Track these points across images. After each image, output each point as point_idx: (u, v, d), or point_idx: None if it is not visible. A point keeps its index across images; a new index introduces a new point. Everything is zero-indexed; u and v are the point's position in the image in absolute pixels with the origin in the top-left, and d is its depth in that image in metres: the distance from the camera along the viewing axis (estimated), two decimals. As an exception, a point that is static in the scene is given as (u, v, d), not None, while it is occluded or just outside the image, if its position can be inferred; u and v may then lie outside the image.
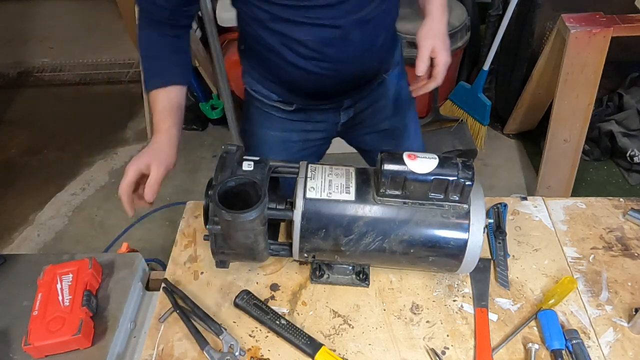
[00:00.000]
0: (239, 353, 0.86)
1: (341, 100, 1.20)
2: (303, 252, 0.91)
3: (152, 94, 1.04)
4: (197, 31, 2.81)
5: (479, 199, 0.88)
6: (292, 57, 1.05)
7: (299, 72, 1.07)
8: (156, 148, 1.00)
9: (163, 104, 1.03)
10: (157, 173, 0.97)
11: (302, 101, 1.19)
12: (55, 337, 0.83)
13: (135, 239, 2.31)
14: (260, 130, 1.26)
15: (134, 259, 1.01)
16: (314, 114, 1.23)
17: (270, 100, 1.20)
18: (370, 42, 1.07)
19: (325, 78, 1.09)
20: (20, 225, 2.41)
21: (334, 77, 1.09)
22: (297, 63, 1.06)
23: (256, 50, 1.11)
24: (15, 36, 3.81)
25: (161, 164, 0.98)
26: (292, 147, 1.26)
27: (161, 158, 0.99)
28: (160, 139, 1.01)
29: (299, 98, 1.18)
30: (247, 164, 0.90)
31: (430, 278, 0.99)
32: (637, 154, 2.36)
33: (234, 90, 2.82)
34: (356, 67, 1.10)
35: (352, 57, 1.07)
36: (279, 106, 1.20)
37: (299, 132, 1.25)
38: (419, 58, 1.01)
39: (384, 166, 0.84)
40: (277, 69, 1.11)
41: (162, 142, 1.01)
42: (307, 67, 1.06)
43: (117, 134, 2.92)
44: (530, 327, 0.91)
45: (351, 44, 1.03)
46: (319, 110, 1.22)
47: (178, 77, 1.06)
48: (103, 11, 3.88)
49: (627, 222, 1.08)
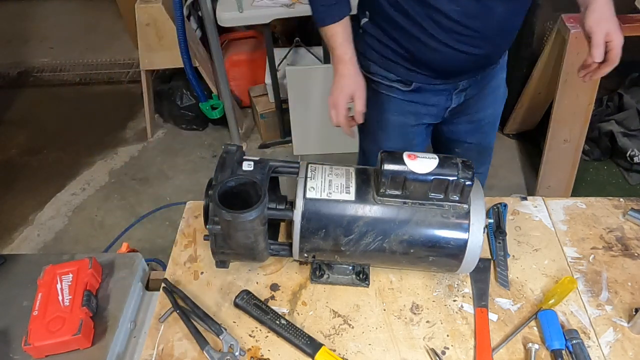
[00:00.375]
0: (239, 353, 0.86)
1: (459, 81, 1.22)
2: (303, 252, 0.91)
3: (330, 27, 1.12)
4: (197, 31, 2.81)
5: (479, 199, 0.88)
6: (433, 29, 1.07)
7: (434, 45, 1.09)
8: (351, 79, 1.14)
9: (344, 36, 1.12)
10: (362, 99, 1.16)
11: (423, 79, 1.20)
12: (55, 337, 0.83)
13: (135, 239, 2.31)
14: (377, 113, 1.29)
15: (134, 259, 1.01)
16: (429, 96, 1.24)
17: (388, 80, 1.22)
18: (511, 21, 1.10)
19: (459, 53, 1.10)
20: (20, 225, 2.41)
21: (466, 52, 1.11)
22: (437, 35, 1.08)
23: (382, 26, 1.15)
24: (15, 36, 3.81)
25: (360, 91, 1.15)
26: (408, 132, 1.30)
27: (359, 87, 1.15)
28: (350, 69, 1.14)
29: (421, 76, 1.19)
30: (247, 164, 0.90)
31: (430, 278, 0.99)
32: (637, 154, 2.36)
33: (234, 90, 2.82)
34: (490, 45, 1.12)
35: (491, 34, 1.09)
36: (397, 86, 1.23)
37: (415, 115, 1.28)
38: (595, 44, 1.00)
39: (384, 166, 0.84)
40: (408, 43, 1.13)
41: (353, 71, 1.14)
42: (445, 40, 1.08)
43: (117, 134, 2.92)
44: (530, 327, 0.91)
45: (493, 19, 1.06)
46: (434, 91, 1.23)
47: (349, 8, 1.13)
48: (103, 11, 3.88)
49: (627, 222, 1.08)
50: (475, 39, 1.08)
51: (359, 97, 1.15)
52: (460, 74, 1.21)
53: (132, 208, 2.47)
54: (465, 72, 1.21)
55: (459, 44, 1.09)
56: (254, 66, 2.80)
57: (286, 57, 2.56)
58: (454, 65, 1.16)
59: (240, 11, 2.20)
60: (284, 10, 2.19)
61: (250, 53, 2.83)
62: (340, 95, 1.14)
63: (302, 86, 2.43)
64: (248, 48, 2.87)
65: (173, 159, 2.74)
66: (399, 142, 1.32)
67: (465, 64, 1.15)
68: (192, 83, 2.49)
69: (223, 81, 2.41)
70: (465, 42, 1.09)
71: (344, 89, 1.14)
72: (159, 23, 2.43)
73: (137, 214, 2.43)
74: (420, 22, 1.07)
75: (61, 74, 3.43)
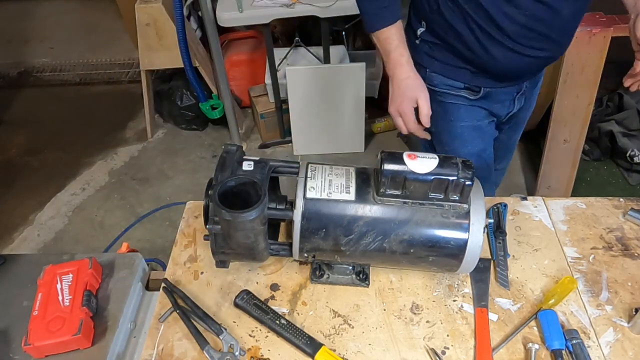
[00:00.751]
0: (239, 353, 0.86)
1: (522, 82, 1.21)
2: (303, 252, 0.91)
3: (383, 32, 1.08)
4: (197, 31, 2.81)
5: (479, 199, 0.88)
6: (497, 34, 1.05)
7: (498, 51, 1.07)
8: (412, 82, 1.10)
9: (399, 39, 1.09)
10: (426, 102, 1.09)
11: (490, 83, 1.17)
12: (55, 337, 0.83)
13: (135, 239, 2.31)
14: (448, 125, 1.25)
15: (134, 259, 1.01)
16: (494, 102, 1.22)
17: (454, 89, 1.19)
18: (575, 20, 1.08)
19: (524, 57, 1.09)
20: (20, 225, 2.41)
21: (532, 56, 1.09)
22: (502, 41, 1.06)
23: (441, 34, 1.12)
24: (15, 36, 3.81)
25: (423, 93, 1.09)
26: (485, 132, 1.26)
27: (421, 89, 1.10)
28: (409, 71, 1.10)
29: (488, 80, 1.17)
30: (247, 164, 0.90)
31: (430, 278, 0.99)
32: (637, 154, 2.36)
33: (234, 90, 2.82)
34: (556, 45, 1.10)
35: (556, 36, 1.07)
36: (465, 94, 1.20)
37: (487, 117, 1.26)
38: None
39: (384, 166, 0.84)
40: (470, 51, 1.11)
41: (412, 74, 1.10)
42: (511, 45, 1.06)
43: (117, 134, 2.92)
44: (530, 327, 0.91)
45: (560, 21, 1.04)
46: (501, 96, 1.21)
47: (400, 11, 1.09)
48: (103, 11, 3.88)
49: (627, 222, 1.08)
50: (540, 41, 1.06)
51: (423, 99, 1.10)
52: (525, 76, 1.20)
53: (132, 208, 2.47)
54: (529, 74, 1.20)
55: (524, 48, 1.07)
56: (254, 66, 2.80)
57: (286, 57, 2.56)
58: (520, 69, 1.14)
59: (240, 11, 2.20)
60: (284, 10, 2.20)
61: (250, 53, 2.84)
62: (404, 101, 1.09)
63: (302, 86, 2.43)
64: (248, 48, 2.87)
65: (173, 159, 2.74)
66: (478, 144, 1.27)
67: (531, 66, 1.14)
68: (192, 83, 2.49)
69: (223, 81, 2.41)
70: (531, 46, 1.07)
71: (406, 93, 1.09)
72: (159, 23, 2.43)
73: (137, 214, 2.44)
74: (484, 29, 1.05)
75: (61, 74, 3.43)
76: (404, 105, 1.10)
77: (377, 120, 2.80)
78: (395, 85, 1.11)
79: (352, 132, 2.61)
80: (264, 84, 2.66)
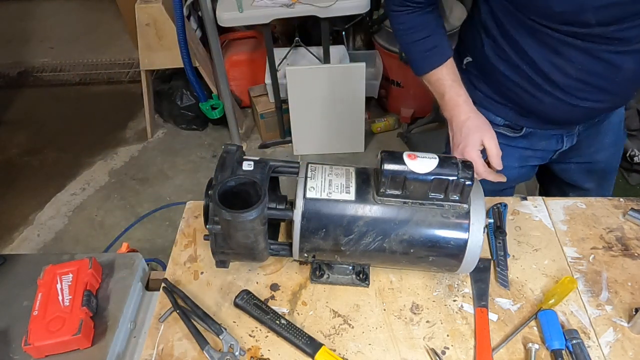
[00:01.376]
0: (239, 353, 0.86)
1: (574, 127, 1.11)
2: (303, 252, 0.91)
3: (433, 73, 1.02)
4: (197, 31, 2.81)
5: (479, 199, 0.88)
6: (547, 85, 0.97)
7: (548, 100, 0.99)
8: (473, 122, 1.00)
9: (452, 77, 1.01)
10: (494, 143, 0.99)
11: (534, 125, 1.08)
12: (55, 337, 0.83)
13: (135, 239, 2.31)
14: None
15: (134, 259, 1.01)
16: (537, 140, 1.12)
17: (494, 125, 1.07)
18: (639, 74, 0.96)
19: (576, 107, 0.99)
20: (20, 225, 2.41)
21: (586, 107, 0.99)
22: (552, 91, 0.98)
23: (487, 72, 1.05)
24: (15, 36, 3.82)
25: (489, 132, 0.99)
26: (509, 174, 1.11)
27: (486, 128, 1.00)
28: (469, 112, 1.01)
29: (532, 122, 1.08)
30: (247, 164, 0.90)
31: (430, 278, 0.99)
32: (637, 154, 2.36)
33: (234, 90, 2.82)
34: (616, 97, 1.01)
35: (618, 89, 0.97)
36: (504, 132, 1.11)
37: (520, 159, 1.16)
38: None
39: (383, 166, 0.84)
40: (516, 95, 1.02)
41: (473, 114, 1.01)
42: (561, 96, 0.98)
43: (117, 134, 2.92)
44: (530, 327, 0.91)
45: (621, 76, 0.94)
46: (545, 136, 1.12)
47: (450, 50, 1.03)
48: (103, 11, 3.88)
49: (627, 222, 1.08)
50: (597, 94, 0.97)
51: (489, 138, 0.98)
52: (578, 123, 1.10)
53: (132, 208, 2.48)
54: (582, 120, 1.10)
55: (578, 100, 0.98)
56: (254, 66, 2.81)
57: (286, 57, 2.56)
58: (571, 118, 1.05)
59: (240, 11, 2.20)
60: (284, 10, 2.20)
61: (250, 53, 2.84)
62: (468, 146, 0.98)
63: (302, 86, 2.43)
64: (248, 48, 2.87)
65: (173, 159, 2.74)
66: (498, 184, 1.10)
67: (584, 116, 1.05)
68: (192, 83, 2.49)
69: (223, 81, 2.41)
70: (585, 98, 0.97)
71: (469, 136, 0.98)
72: (159, 23, 2.44)
73: (137, 214, 2.44)
74: (531, 79, 0.97)
75: (61, 74, 3.43)
76: (469, 150, 0.99)
77: (377, 120, 2.80)
78: (456, 128, 1.01)
79: (352, 132, 2.61)
80: (264, 84, 2.66)
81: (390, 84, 2.75)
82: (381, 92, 2.82)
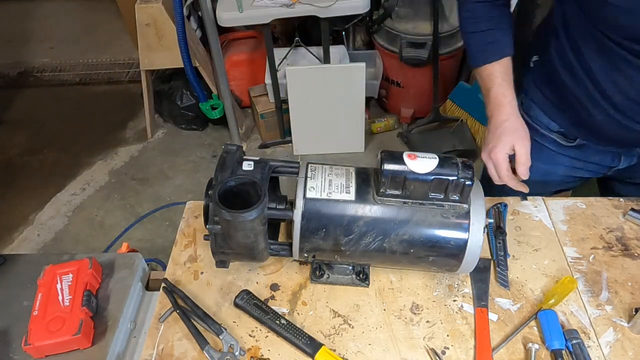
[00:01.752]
0: (239, 353, 0.86)
1: (633, 147, 1.06)
2: (303, 252, 0.91)
3: (486, 67, 0.99)
4: (197, 31, 2.81)
5: (479, 199, 0.88)
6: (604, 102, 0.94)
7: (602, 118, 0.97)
8: (511, 125, 0.97)
9: (502, 77, 0.98)
10: (525, 150, 0.95)
11: (588, 138, 1.05)
12: (55, 337, 0.83)
13: (135, 239, 2.31)
14: None
15: (134, 259, 1.01)
16: (590, 154, 1.08)
17: (547, 129, 1.07)
18: None
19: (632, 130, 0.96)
20: (20, 225, 2.41)
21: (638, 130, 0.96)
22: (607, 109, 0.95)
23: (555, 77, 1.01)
24: (15, 36, 3.81)
25: (523, 140, 0.96)
26: (550, 181, 1.13)
27: (521, 134, 0.96)
28: (510, 114, 0.97)
29: (586, 135, 1.05)
30: (247, 164, 0.90)
31: (430, 278, 0.99)
32: (637, 154, 2.35)
33: (234, 90, 2.82)
34: None
35: None
36: (556, 138, 1.08)
37: (566, 168, 1.13)
38: None
39: (384, 166, 0.84)
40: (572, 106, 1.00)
41: (513, 117, 0.97)
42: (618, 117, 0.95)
43: (117, 134, 2.92)
44: (530, 327, 0.91)
45: None
46: (599, 151, 1.08)
47: (510, 49, 1.00)
48: (103, 11, 3.88)
49: (627, 222, 1.08)
50: None
51: (522, 146, 0.95)
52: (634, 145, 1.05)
53: (132, 208, 2.48)
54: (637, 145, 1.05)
55: (632, 123, 0.94)
56: (254, 66, 2.81)
57: (286, 57, 2.56)
58: (625, 138, 1.01)
59: (240, 11, 2.20)
60: (284, 10, 2.19)
61: (250, 53, 2.84)
62: (498, 146, 0.95)
63: (302, 86, 2.43)
64: (248, 48, 2.87)
65: (173, 159, 2.74)
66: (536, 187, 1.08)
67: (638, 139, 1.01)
68: (192, 83, 2.49)
69: (223, 81, 2.41)
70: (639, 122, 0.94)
71: (502, 137, 0.96)
72: (159, 23, 2.43)
73: (137, 214, 2.44)
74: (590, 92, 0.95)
75: (61, 74, 3.43)
76: (497, 151, 0.96)
77: (377, 120, 2.80)
78: (492, 127, 0.98)
79: (352, 132, 2.61)
80: (264, 84, 2.66)
81: (390, 84, 2.75)
82: (381, 92, 2.82)
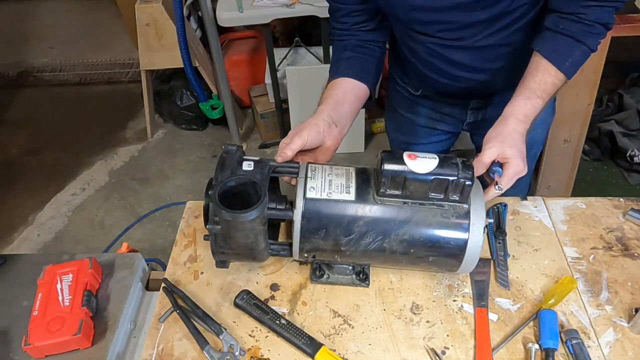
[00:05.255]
0: (239, 353, 0.86)
1: (467, 101, 1.24)
2: (303, 252, 0.91)
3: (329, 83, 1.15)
4: (197, 31, 2.82)
5: (479, 199, 0.88)
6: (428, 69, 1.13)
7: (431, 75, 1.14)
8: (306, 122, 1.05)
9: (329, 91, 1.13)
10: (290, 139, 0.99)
11: (431, 91, 1.25)
12: (55, 337, 0.83)
13: (135, 239, 2.31)
14: (391, 107, 1.39)
15: (134, 259, 1.01)
16: (440, 105, 1.28)
17: (401, 80, 1.30)
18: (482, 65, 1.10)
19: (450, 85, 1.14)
20: (20, 225, 2.41)
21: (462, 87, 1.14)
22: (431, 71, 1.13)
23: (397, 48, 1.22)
24: (15, 36, 3.82)
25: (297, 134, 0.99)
26: (418, 131, 1.35)
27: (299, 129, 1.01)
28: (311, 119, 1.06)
29: (427, 89, 1.25)
30: (247, 164, 0.90)
31: (430, 278, 0.99)
32: (637, 154, 2.36)
33: (234, 90, 2.82)
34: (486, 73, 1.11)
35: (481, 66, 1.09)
36: (408, 88, 1.29)
37: (426, 118, 1.32)
38: None
39: (384, 166, 0.84)
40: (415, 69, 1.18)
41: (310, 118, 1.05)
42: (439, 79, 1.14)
43: (117, 134, 2.92)
44: (530, 327, 0.91)
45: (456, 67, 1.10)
46: (445, 103, 1.26)
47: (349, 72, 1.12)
48: (103, 11, 3.89)
49: (627, 222, 1.08)
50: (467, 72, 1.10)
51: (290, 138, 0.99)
52: (466, 97, 1.22)
53: (132, 208, 2.48)
54: (470, 96, 1.21)
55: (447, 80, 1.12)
56: (254, 66, 2.81)
57: (286, 57, 2.57)
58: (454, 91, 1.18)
59: (240, 11, 2.20)
60: (284, 10, 2.20)
61: (250, 53, 2.84)
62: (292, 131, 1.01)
63: (302, 86, 2.43)
64: (248, 48, 2.87)
65: (173, 159, 2.74)
66: (405, 136, 1.37)
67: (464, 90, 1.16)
68: (192, 83, 2.49)
69: (223, 81, 2.41)
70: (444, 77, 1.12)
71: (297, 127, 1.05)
72: (159, 23, 2.44)
73: (137, 214, 2.44)
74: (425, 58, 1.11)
75: (61, 74, 3.44)
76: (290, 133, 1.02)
77: (377, 120, 2.80)
78: None
79: (352, 132, 2.59)
80: (264, 84, 2.66)
81: (390, 84, 2.75)
82: (381, 92, 2.81)
